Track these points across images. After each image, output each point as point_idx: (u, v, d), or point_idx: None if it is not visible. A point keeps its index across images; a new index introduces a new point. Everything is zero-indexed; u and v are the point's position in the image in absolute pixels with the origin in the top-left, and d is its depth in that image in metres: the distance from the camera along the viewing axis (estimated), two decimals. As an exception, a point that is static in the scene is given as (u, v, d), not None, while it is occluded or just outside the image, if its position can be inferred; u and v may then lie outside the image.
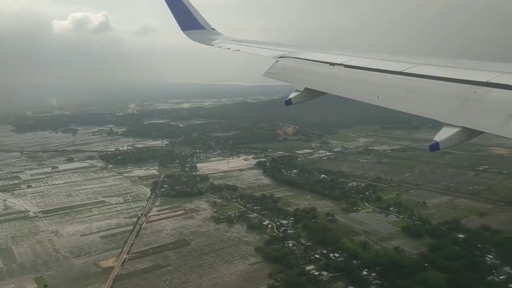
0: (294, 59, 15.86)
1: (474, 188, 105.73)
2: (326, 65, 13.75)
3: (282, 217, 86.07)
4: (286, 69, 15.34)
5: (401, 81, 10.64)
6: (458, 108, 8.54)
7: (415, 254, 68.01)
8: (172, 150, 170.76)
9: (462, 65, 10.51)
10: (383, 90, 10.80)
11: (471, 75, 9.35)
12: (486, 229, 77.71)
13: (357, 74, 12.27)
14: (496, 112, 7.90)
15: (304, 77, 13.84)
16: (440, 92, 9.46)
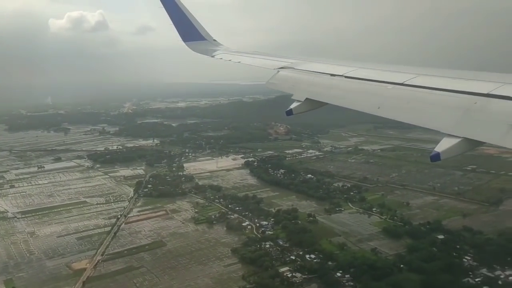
0: (295, 70, 16.12)
1: (460, 188, 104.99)
2: (326, 76, 13.90)
3: (263, 218, 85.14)
4: (287, 80, 15.61)
5: (402, 92, 10.68)
6: (459, 119, 8.54)
7: (392, 256, 67.14)
8: (161, 150, 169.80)
9: (463, 76, 10.45)
10: (384, 100, 10.88)
11: (472, 86, 9.33)
12: (467, 230, 76.89)
13: (358, 85, 12.33)
14: (497, 122, 7.87)
15: (305, 88, 14.04)
16: (441, 103, 9.49)
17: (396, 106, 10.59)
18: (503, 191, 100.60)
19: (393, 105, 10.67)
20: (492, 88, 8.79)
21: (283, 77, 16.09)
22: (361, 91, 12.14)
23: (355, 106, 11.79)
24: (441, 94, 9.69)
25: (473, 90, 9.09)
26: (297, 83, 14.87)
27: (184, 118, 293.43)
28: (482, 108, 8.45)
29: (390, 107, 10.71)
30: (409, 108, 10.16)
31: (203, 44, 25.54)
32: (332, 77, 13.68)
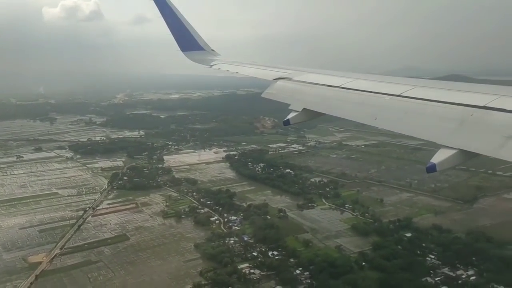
0: (292, 80, 16.29)
1: (437, 186, 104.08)
2: (323, 86, 14.09)
3: (233, 213, 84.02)
4: (285, 90, 15.80)
5: (399, 103, 10.76)
6: (455, 131, 8.58)
7: (356, 253, 66.18)
8: (145, 142, 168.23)
9: (459, 88, 10.54)
10: (381, 111, 10.96)
11: (468, 98, 9.38)
12: (437, 228, 76.07)
13: (355, 96, 12.47)
14: (493, 134, 7.88)
15: (302, 98, 14.14)
16: (437, 114, 9.55)
17: (393, 117, 10.70)
18: (480, 189, 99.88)
19: (390, 116, 10.77)
20: (488, 100, 8.84)
21: (280, 87, 16.23)
22: (358, 101, 12.22)
23: (352, 117, 11.97)
24: (437, 105, 9.76)
25: (470, 102, 9.11)
26: (294, 94, 14.98)
27: (174, 110, 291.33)
28: (478, 120, 8.47)
29: (387, 118, 10.82)
30: (406, 119, 10.22)
31: (201, 54, 25.93)
32: (329, 88, 13.81)
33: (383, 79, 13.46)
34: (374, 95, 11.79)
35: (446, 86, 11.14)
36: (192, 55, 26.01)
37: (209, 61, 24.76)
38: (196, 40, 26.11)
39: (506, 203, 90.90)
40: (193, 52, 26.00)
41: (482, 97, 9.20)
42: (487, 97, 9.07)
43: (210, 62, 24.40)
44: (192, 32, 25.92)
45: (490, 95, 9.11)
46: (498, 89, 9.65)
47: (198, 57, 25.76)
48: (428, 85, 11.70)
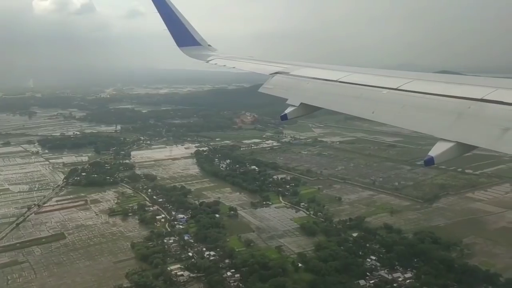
0: (289, 75, 16.08)
1: (401, 184, 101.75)
2: (321, 81, 13.96)
3: (182, 211, 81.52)
4: (282, 85, 15.66)
5: (396, 96, 10.70)
6: (452, 123, 8.58)
7: (296, 254, 63.73)
8: (118, 137, 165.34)
9: (457, 80, 10.48)
10: (379, 105, 10.91)
11: (466, 91, 9.34)
12: (387, 228, 73.76)
13: (352, 90, 12.30)
14: (490, 127, 7.90)
15: (300, 93, 14.00)
16: (435, 107, 9.51)
17: (390, 110, 10.62)
18: (444, 187, 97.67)
19: (388, 109, 10.70)
20: (485, 93, 8.81)
21: (277, 82, 16.10)
22: (356, 96, 12.05)
23: (349, 111, 11.89)
24: (435, 98, 9.72)
25: (467, 95, 9.08)
26: (291, 88, 14.91)
27: (158, 104, 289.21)
28: (476, 113, 8.48)
29: (384, 111, 10.75)
30: (404, 112, 10.15)
31: (198, 49, 25.80)
32: (327, 82, 13.70)
33: (380, 73, 13.32)
34: (371, 88, 11.71)
35: (443, 79, 11.04)
36: (188, 50, 25.89)
37: (205, 56, 24.64)
38: (193, 35, 25.92)
39: (466, 202, 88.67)
40: (190, 48, 25.88)
41: (479, 89, 9.13)
42: (484, 89, 8.99)
43: (206, 57, 24.26)
44: (188, 27, 25.73)
45: (487, 88, 9.03)
46: (495, 81, 9.60)
47: (195, 52, 25.64)
48: (425, 78, 11.53)
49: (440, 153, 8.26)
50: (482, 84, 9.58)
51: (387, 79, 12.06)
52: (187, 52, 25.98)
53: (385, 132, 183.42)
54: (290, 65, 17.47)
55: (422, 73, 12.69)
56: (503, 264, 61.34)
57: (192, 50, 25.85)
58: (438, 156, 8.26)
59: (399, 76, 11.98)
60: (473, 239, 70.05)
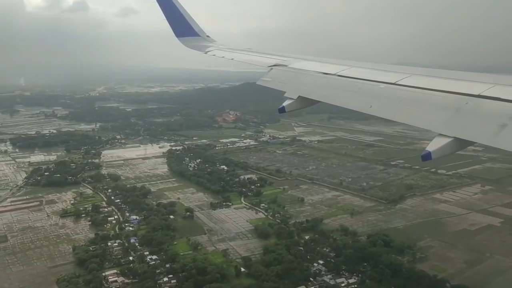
0: (287, 68, 15.90)
1: (369, 184, 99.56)
2: (319, 74, 13.81)
3: (136, 212, 79.12)
4: (280, 78, 15.45)
5: (394, 91, 10.65)
6: (450, 119, 8.62)
7: (242, 258, 61.37)
8: (93, 135, 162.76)
9: (455, 76, 10.39)
10: (376, 100, 10.87)
11: (463, 87, 9.35)
12: (343, 230, 71.57)
13: (351, 84, 12.20)
14: (487, 123, 7.89)
15: (298, 86, 13.84)
16: (432, 102, 9.53)
17: (388, 105, 10.60)
18: (411, 188, 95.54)
19: (385, 104, 10.68)
20: (483, 89, 8.82)
21: (275, 74, 15.93)
22: (354, 90, 12.02)
23: (347, 105, 11.81)
24: (433, 94, 9.72)
25: (465, 91, 9.11)
26: (289, 81, 14.77)
27: (146, 103, 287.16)
28: (473, 109, 8.51)
29: (382, 106, 10.71)
30: (401, 107, 10.18)
31: (197, 40, 25.40)
32: (325, 75, 13.58)
33: (379, 67, 13.16)
34: (369, 83, 11.64)
35: (441, 75, 10.87)
36: (187, 41, 25.44)
37: (204, 47, 24.16)
38: (191, 26, 25.44)
39: (431, 203, 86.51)
40: (188, 38, 25.44)
41: (477, 85, 9.10)
42: (482, 86, 8.98)
43: (205, 49, 23.83)
44: (187, 17, 25.27)
45: (485, 84, 9.02)
46: (493, 78, 9.54)
47: (193, 43, 25.21)
48: (423, 73, 11.43)
49: (438, 148, 8.12)
50: (479, 80, 9.51)
51: (385, 74, 11.89)
52: (185, 42, 25.50)
53: (367, 131, 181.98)
54: (288, 58, 17.20)
55: (420, 68, 12.45)
56: (454, 269, 59.27)
57: (190, 41, 25.41)
58: (435, 151, 8.11)
59: (397, 71, 11.86)
60: (429, 242, 67.94)
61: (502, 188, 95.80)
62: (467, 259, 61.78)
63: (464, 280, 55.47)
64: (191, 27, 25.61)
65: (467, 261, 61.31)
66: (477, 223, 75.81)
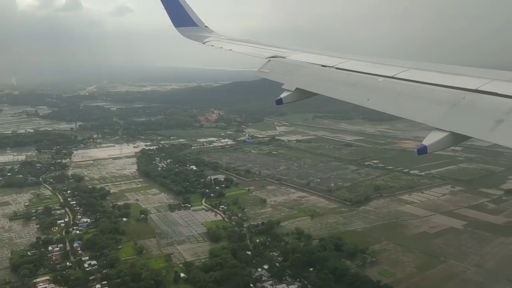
0: (286, 59, 15.88)
1: (338, 185, 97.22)
2: (317, 66, 13.86)
3: (89, 215, 76.73)
4: (278, 69, 15.42)
5: (392, 85, 10.68)
6: (447, 113, 8.63)
7: (186, 263, 58.92)
8: (70, 135, 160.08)
9: (452, 71, 10.44)
10: (374, 93, 10.89)
11: (461, 81, 9.34)
12: (298, 233, 69.24)
13: (349, 77, 12.22)
14: (484, 118, 7.92)
15: (296, 78, 13.84)
16: (429, 97, 9.55)
17: (385, 98, 10.64)
18: (379, 189, 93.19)
19: (383, 97, 10.71)
20: (480, 84, 8.82)
21: (274, 66, 15.94)
22: (352, 82, 12.00)
23: (345, 98, 11.78)
24: (430, 88, 9.75)
25: (462, 86, 9.13)
26: (287, 73, 14.76)
27: (133, 102, 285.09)
28: (470, 104, 8.51)
29: (379, 99, 10.72)
30: (398, 101, 10.21)
31: (195, 30, 25.06)
32: (323, 68, 13.58)
33: (377, 60, 13.10)
34: (367, 76, 11.58)
35: (439, 69, 10.93)
36: (185, 31, 25.06)
37: (202, 37, 23.86)
38: (190, 15, 25.12)
39: (397, 204, 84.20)
40: (186, 28, 25.09)
41: (474, 80, 9.14)
42: (479, 80, 9.02)
43: (203, 39, 23.53)
44: (185, 7, 24.98)
45: (482, 79, 9.06)
46: (490, 73, 9.59)
47: (191, 33, 24.84)
48: (421, 67, 11.44)
49: (434, 143, 8.17)
50: (477, 75, 9.49)
51: (383, 67, 11.87)
52: (183, 32, 25.13)
53: (349, 130, 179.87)
54: (287, 50, 17.06)
55: (417, 62, 12.39)
56: (403, 274, 57.00)
57: (188, 31, 25.02)
58: (431, 145, 8.16)
59: (395, 64, 11.79)
60: (385, 245, 65.69)
61: (473, 189, 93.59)
62: (419, 264, 59.47)
63: (410, 286, 53.25)
64: (190, 17, 25.22)
65: (419, 265, 59.00)
66: (438, 225, 73.51)
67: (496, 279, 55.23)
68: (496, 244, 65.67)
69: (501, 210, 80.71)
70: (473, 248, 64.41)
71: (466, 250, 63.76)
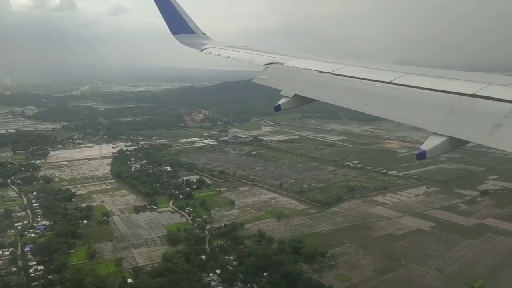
0: (283, 66, 16.08)
1: (311, 186, 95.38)
2: (315, 72, 14.03)
3: (49, 217, 74.73)
4: (276, 76, 15.59)
5: (390, 90, 10.82)
6: (444, 118, 8.71)
7: (133, 269, 56.89)
8: (50, 135, 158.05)
9: (449, 75, 10.50)
10: (372, 98, 11.00)
11: (458, 86, 9.45)
12: (260, 235, 67.35)
13: (346, 82, 12.41)
14: (482, 122, 8.02)
15: (294, 84, 14.00)
16: (427, 102, 9.65)
17: (383, 104, 10.73)
18: (352, 190, 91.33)
19: (381, 103, 10.81)
20: (477, 88, 8.92)
21: (271, 72, 15.99)
22: (349, 88, 12.13)
23: (342, 103, 11.90)
24: (427, 93, 9.85)
25: (459, 90, 9.23)
26: (285, 79, 14.86)
27: (123, 102, 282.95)
28: (468, 108, 8.62)
29: (377, 105, 10.83)
30: (396, 106, 10.29)
31: (192, 37, 25.38)
32: (321, 74, 13.72)
33: (374, 66, 13.37)
34: (364, 82, 11.79)
35: (436, 74, 11.09)
36: (182, 38, 25.31)
37: (200, 44, 24.21)
38: (187, 23, 25.36)
39: (367, 206, 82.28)
40: (184, 35, 25.36)
41: (471, 85, 9.22)
42: (476, 85, 9.08)
43: (201, 46, 23.85)
44: (183, 14, 25.23)
45: (479, 83, 9.13)
46: (487, 77, 9.67)
47: (189, 40, 25.10)
48: (418, 72, 11.58)
49: (432, 147, 8.16)
50: (474, 80, 9.59)
51: (380, 73, 12.08)
52: (181, 40, 25.37)
53: (335, 130, 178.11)
54: (285, 56, 17.19)
55: (415, 67, 12.63)
56: (360, 278, 55.06)
57: (186, 38, 25.30)
58: (430, 150, 8.15)
59: (393, 70, 12.02)
60: (347, 248, 63.80)
61: (448, 190, 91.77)
62: (379, 267, 57.55)
63: (363, 291, 51.34)
64: (187, 24, 25.47)
65: (378, 269, 57.08)
66: (406, 227, 71.65)
67: (454, 284, 53.31)
68: (462, 247, 63.86)
69: (473, 211, 78.88)
70: (437, 251, 62.52)
71: (429, 253, 61.84)
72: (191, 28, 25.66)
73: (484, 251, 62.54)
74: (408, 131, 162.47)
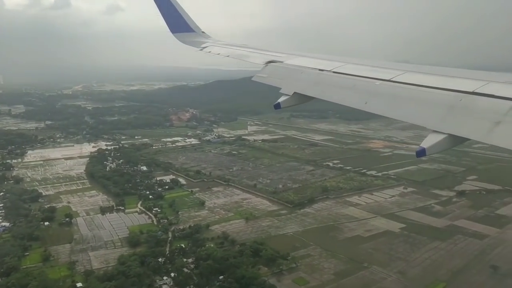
0: (283, 64, 16.08)
1: (286, 186, 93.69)
2: (315, 70, 14.05)
3: (10, 218, 72.80)
4: (276, 74, 15.66)
5: (389, 88, 10.84)
6: (444, 116, 8.70)
7: (84, 273, 55.06)
8: (32, 134, 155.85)
9: (449, 73, 10.52)
10: (372, 96, 11.02)
11: (458, 84, 9.35)
12: (224, 237, 65.64)
13: (346, 80, 12.41)
14: (481, 120, 8.04)
15: (293, 82, 14.02)
16: (427, 99, 9.66)
17: (383, 102, 10.77)
18: (327, 190, 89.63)
19: (380, 101, 10.81)
20: (477, 86, 8.90)
21: (271, 71, 16.02)
22: (349, 86, 12.13)
23: (342, 101, 11.86)
24: (427, 91, 9.84)
25: (459, 88, 9.14)
26: (285, 77, 14.83)
27: (113, 101, 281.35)
28: (467, 106, 8.56)
29: (377, 103, 10.83)
30: (396, 104, 10.36)
31: (192, 36, 25.25)
32: (321, 72, 13.67)
33: (374, 64, 13.38)
34: (364, 80, 11.83)
35: (435, 72, 11.11)
36: (182, 37, 25.19)
37: (199, 43, 24.06)
38: (187, 21, 25.22)
39: (340, 207, 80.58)
40: (184, 34, 25.21)
41: (471, 82, 9.17)
42: (476, 83, 9.06)
43: (200, 45, 23.72)
44: (182, 13, 25.10)
45: (479, 81, 9.11)
46: (486, 75, 9.64)
47: (189, 39, 24.94)
48: (418, 70, 11.52)
49: (432, 145, 8.10)
50: (473, 78, 9.48)
51: (380, 71, 12.02)
52: (180, 38, 25.22)
53: (321, 130, 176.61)
54: (284, 54, 17.10)
55: (414, 65, 12.42)
56: (318, 282, 53.37)
57: (185, 37, 25.11)
58: (430, 147, 8.07)
59: (392, 67, 12.00)
60: (311, 250, 62.09)
61: (424, 190, 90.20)
62: (340, 270, 55.86)
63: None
64: (186, 23, 25.28)
65: (338, 272, 55.40)
66: (375, 229, 70.01)
67: None
68: (429, 249, 62.22)
69: (446, 212, 77.29)
70: (403, 253, 60.90)
71: (394, 255, 60.20)
72: (190, 27, 25.61)
73: (451, 253, 60.95)
74: (395, 131, 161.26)
